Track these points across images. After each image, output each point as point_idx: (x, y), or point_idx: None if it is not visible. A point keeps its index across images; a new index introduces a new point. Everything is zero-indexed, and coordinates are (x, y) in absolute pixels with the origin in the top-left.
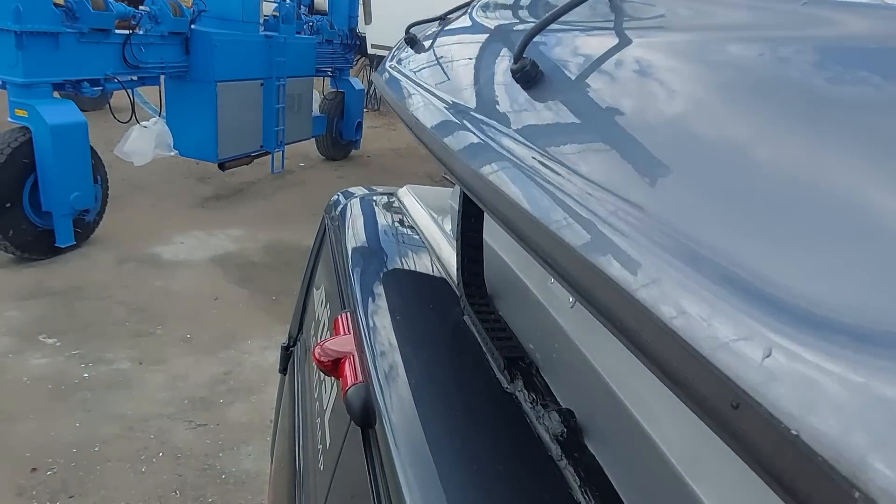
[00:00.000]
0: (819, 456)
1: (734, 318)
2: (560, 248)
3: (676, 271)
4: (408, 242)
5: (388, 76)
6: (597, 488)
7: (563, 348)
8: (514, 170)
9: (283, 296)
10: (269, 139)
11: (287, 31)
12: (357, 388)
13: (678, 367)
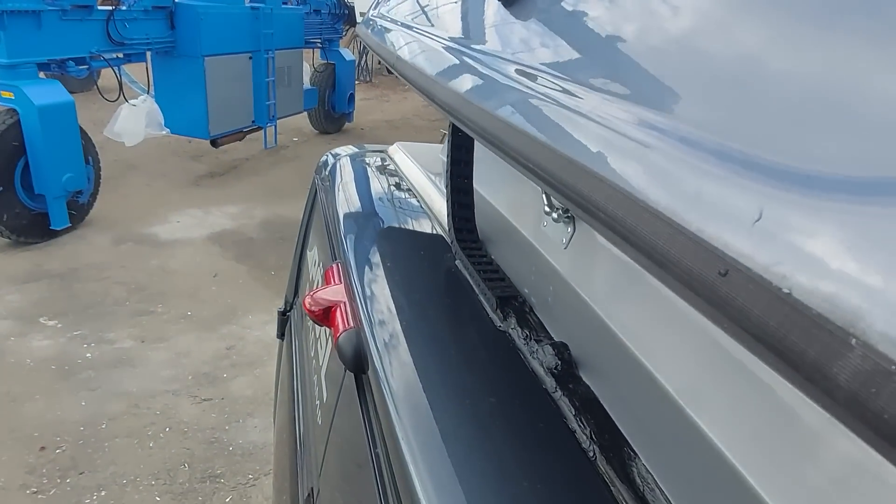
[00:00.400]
0: (812, 310)
1: (719, 185)
2: (543, 150)
3: (657, 147)
4: (399, 196)
5: (373, 25)
6: (591, 416)
7: (557, 288)
8: (500, 86)
9: (281, 270)
10: (260, 114)
11: (273, 1)
12: (348, 335)
13: (666, 245)
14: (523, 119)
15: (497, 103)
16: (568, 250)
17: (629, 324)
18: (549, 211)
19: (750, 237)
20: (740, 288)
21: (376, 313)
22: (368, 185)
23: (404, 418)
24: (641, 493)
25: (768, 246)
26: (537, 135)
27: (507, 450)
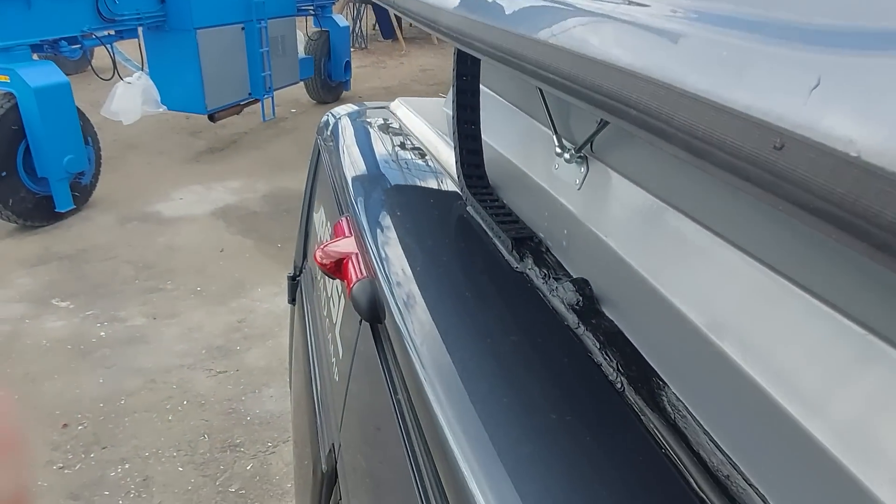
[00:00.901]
0: (885, 169)
1: (767, 58)
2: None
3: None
4: (404, 149)
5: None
6: (617, 349)
7: (572, 230)
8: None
9: (287, 243)
10: (256, 86)
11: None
12: (362, 284)
13: (711, 128)
14: (538, 27)
15: (508, 17)
16: (582, 191)
17: (648, 258)
18: (561, 152)
19: (807, 105)
20: (800, 158)
21: (389, 262)
22: (372, 141)
23: (426, 362)
24: (672, 420)
25: (828, 112)
26: (556, 41)
27: (533, 385)
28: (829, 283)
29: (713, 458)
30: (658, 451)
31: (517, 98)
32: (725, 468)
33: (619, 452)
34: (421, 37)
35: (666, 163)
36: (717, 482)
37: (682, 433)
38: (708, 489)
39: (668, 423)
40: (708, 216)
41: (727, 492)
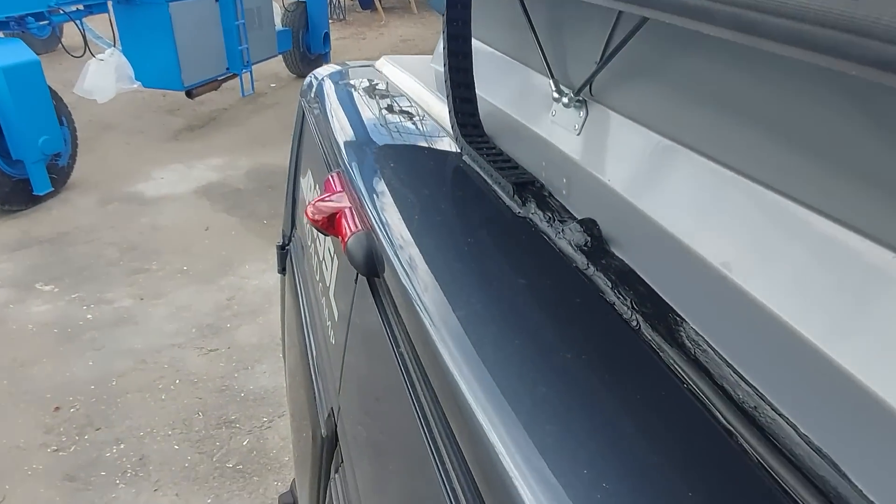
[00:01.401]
0: None
1: None
2: None
3: None
4: (393, 103)
5: None
6: (630, 287)
7: (573, 175)
8: None
9: (273, 219)
10: (234, 60)
11: None
12: (357, 237)
13: None
14: None
15: None
16: (582, 135)
17: (653, 196)
18: (559, 97)
19: None
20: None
21: (385, 213)
22: (359, 98)
23: (430, 311)
24: (693, 355)
25: None
26: None
27: (545, 327)
28: (847, 204)
29: (738, 391)
30: (680, 386)
31: (510, 47)
32: (752, 399)
33: (640, 390)
34: (400, 6)
35: (669, 97)
36: (744, 414)
37: (705, 367)
38: (735, 421)
39: (689, 359)
40: (713, 147)
41: (755, 422)
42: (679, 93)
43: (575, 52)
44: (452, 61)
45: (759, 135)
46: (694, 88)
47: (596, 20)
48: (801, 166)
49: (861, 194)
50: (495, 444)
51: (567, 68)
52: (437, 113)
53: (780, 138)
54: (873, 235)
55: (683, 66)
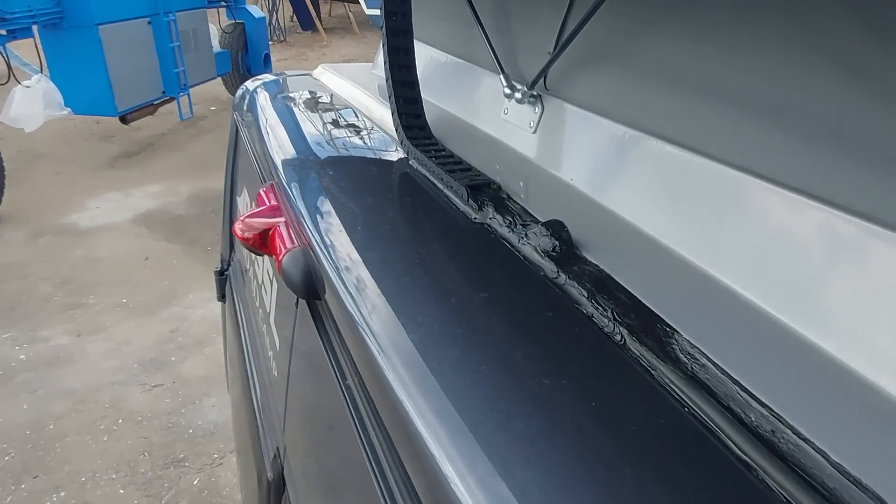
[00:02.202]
0: None
1: None
2: None
3: None
4: (332, 111)
5: None
6: (609, 296)
7: (532, 176)
8: None
9: (217, 244)
10: (170, 83)
11: None
12: (293, 255)
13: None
14: None
15: None
16: (538, 133)
17: (622, 194)
18: (511, 92)
19: None
20: None
21: (324, 227)
22: (295, 106)
23: (379, 336)
24: (690, 371)
25: None
26: None
27: (515, 346)
28: (831, 183)
29: (750, 412)
30: (681, 409)
31: (455, 45)
32: (767, 422)
33: (634, 418)
34: (341, 27)
35: (632, 84)
36: (760, 440)
37: (706, 385)
38: (751, 450)
39: (687, 376)
40: (684, 134)
41: (776, 450)
42: (642, 78)
43: (526, 44)
44: (393, 59)
45: (731, 117)
46: (658, 72)
47: (546, 7)
48: (781, 147)
49: (848, 175)
50: (459, 493)
51: (518, 62)
52: (379, 117)
53: (754, 119)
54: (868, 215)
55: (644, 49)
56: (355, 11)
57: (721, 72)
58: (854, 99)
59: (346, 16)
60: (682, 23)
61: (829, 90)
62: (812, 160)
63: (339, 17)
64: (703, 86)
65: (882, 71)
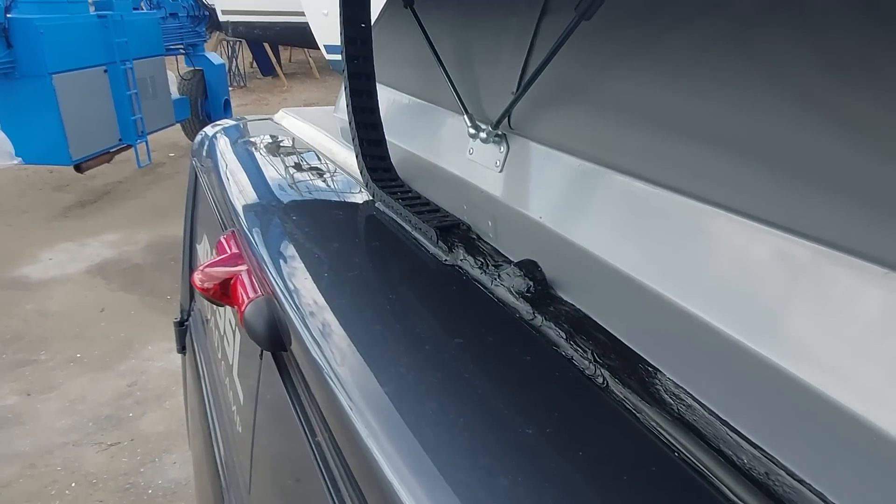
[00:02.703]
0: None
1: None
2: None
3: None
4: (294, 154)
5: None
6: (587, 337)
7: (500, 215)
8: None
9: (177, 293)
10: (127, 130)
11: (122, 7)
12: (256, 304)
13: None
14: None
15: None
16: (504, 172)
17: (593, 231)
18: (476, 132)
19: None
20: None
21: (288, 274)
22: (256, 151)
23: (349, 389)
24: (677, 412)
25: None
26: None
27: (495, 394)
28: (803, 215)
29: (741, 454)
30: (670, 454)
31: (417, 87)
32: (761, 464)
33: (623, 465)
34: (301, 72)
35: (597, 121)
36: (755, 483)
37: (694, 427)
38: (745, 493)
39: (674, 417)
40: (652, 170)
41: (772, 494)
42: (606, 115)
43: (488, 84)
44: (356, 101)
45: (696, 151)
46: (621, 108)
47: (508, 48)
48: (754, 179)
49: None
50: None
51: (482, 102)
52: (343, 161)
53: (720, 152)
54: (860, 252)
55: (607, 86)
56: (315, 56)
57: (684, 106)
58: (820, 131)
59: (307, 61)
60: (643, 58)
61: (794, 121)
62: (778, 192)
63: (300, 63)
64: (667, 121)
65: (843, 103)
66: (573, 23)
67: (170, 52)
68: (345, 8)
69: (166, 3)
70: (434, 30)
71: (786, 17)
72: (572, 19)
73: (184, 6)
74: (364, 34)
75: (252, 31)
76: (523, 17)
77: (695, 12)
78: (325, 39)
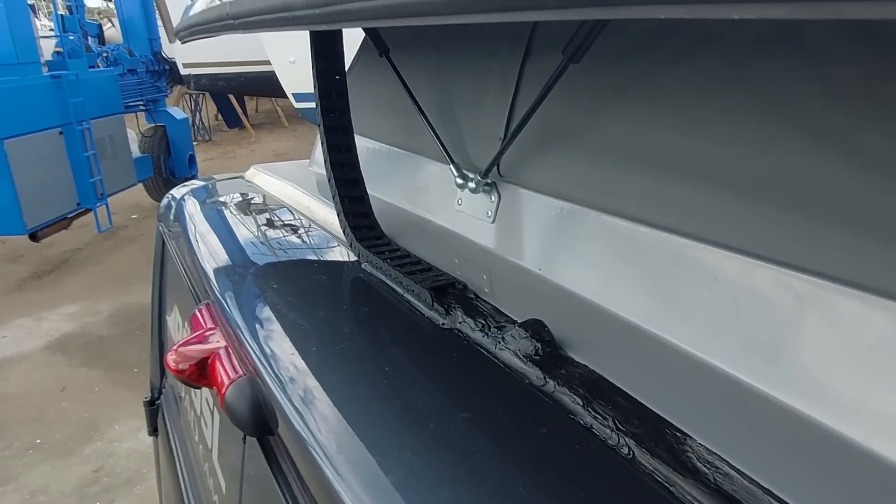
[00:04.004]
0: None
1: None
2: None
3: None
4: (271, 215)
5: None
6: (607, 402)
7: (495, 267)
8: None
9: (145, 366)
10: (85, 194)
11: (77, 66)
12: (239, 386)
13: None
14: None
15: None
16: (497, 222)
17: (600, 282)
18: (463, 182)
19: None
20: None
21: (273, 349)
22: (230, 213)
23: (347, 476)
24: (715, 483)
25: None
26: None
27: (513, 475)
28: (820, 257)
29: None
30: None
31: (397, 136)
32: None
33: None
34: (269, 122)
35: (596, 165)
36: None
37: (735, 499)
38: None
39: (711, 489)
40: (659, 213)
41: None
42: (604, 157)
43: (474, 132)
44: (334, 157)
45: (705, 193)
46: (622, 149)
47: (491, 93)
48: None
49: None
50: None
51: (468, 150)
52: (323, 220)
53: (728, 194)
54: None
55: (604, 127)
56: (283, 105)
57: (686, 145)
58: (834, 172)
59: (274, 110)
60: (636, 98)
61: (803, 159)
62: (799, 234)
63: (267, 112)
64: (670, 161)
65: (847, 138)
66: (561, 66)
67: (129, 110)
68: (317, 60)
69: (124, 59)
70: (412, 77)
71: (782, 53)
72: (560, 63)
73: (143, 61)
74: (339, 86)
75: (216, 83)
76: (506, 60)
77: (687, 49)
78: (294, 88)
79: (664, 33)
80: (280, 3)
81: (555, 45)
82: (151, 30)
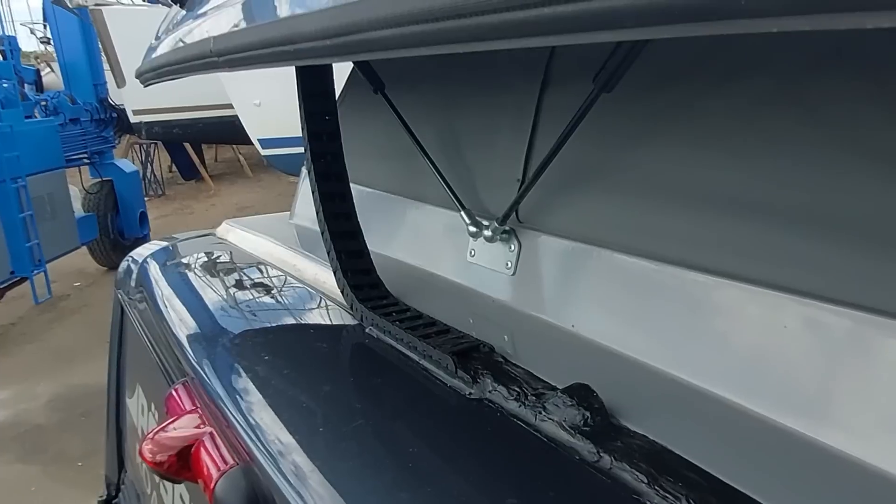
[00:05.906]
0: None
1: None
2: None
3: None
4: (250, 276)
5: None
6: (674, 477)
7: (518, 326)
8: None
9: (92, 456)
10: (20, 261)
11: (12, 116)
12: (232, 477)
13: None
14: None
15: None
16: (517, 274)
17: (643, 338)
18: (477, 230)
19: None
20: None
21: (271, 432)
22: (202, 276)
23: None
24: None
25: None
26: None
27: None
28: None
29: None
30: None
31: (394, 181)
32: None
33: None
34: (231, 171)
35: (628, 203)
36: None
37: None
38: None
39: None
40: (716, 258)
41: None
42: (640, 197)
43: (486, 174)
44: (327, 207)
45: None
46: (660, 187)
47: (505, 130)
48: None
49: None
50: None
51: (479, 194)
52: (313, 279)
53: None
54: None
55: (637, 164)
56: (246, 152)
57: (731, 181)
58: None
59: (236, 158)
60: (673, 131)
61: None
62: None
63: (228, 161)
64: (714, 200)
65: None
66: (592, 96)
67: (72, 164)
68: (305, 100)
69: (65, 107)
70: (410, 116)
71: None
72: (590, 92)
73: (87, 109)
74: (330, 127)
75: (170, 131)
76: (521, 93)
77: (733, 73)
78: (259, 133)
79: (707, 55)
80: (280, 35)
81: (578, 73)
82: (96, 74)
